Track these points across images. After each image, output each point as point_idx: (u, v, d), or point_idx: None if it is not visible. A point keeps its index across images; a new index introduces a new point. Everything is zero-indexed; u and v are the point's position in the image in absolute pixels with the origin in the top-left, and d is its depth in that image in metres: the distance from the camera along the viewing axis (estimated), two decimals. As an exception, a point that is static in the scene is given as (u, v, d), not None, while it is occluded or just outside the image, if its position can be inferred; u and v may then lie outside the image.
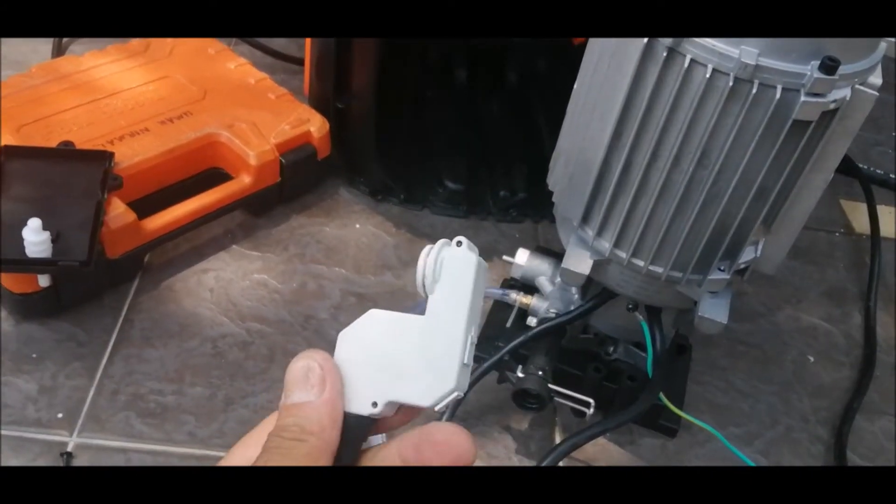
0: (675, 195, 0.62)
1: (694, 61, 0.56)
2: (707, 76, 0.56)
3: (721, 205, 0.61)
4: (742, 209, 0.62)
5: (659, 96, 0.59)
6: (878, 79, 0.58)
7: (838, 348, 0.97)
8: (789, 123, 0.56)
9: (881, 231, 1.08)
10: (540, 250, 0.84)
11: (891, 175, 1.19)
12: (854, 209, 1.16)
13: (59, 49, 1.17)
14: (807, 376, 0.93)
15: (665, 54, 0.57)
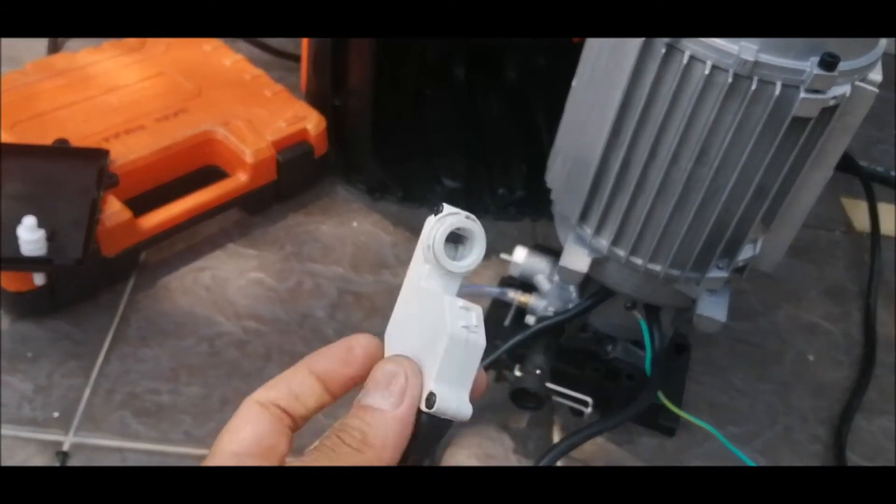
0: (674, 193, 0.62)
1: (693, 58, 0.56)
2: (706, 73, 0.56)
3: (720, 202, 0.61)
4: (741, 207, 0.61)
5: (658, 93, 0.59)
6: (878, 75, 0.58)
7: (838, 347, 0.96)
8: (789, 120, 0.56)
9: (882, 229, 1.08)
10: (538, 248, 0.83)
11: (892, 172, 1.18)
12: (854, 207, 1.15)
13: (55, 46, 1.17)
14: (806, 375, 0.93)
15: (664, 51, 0.56)
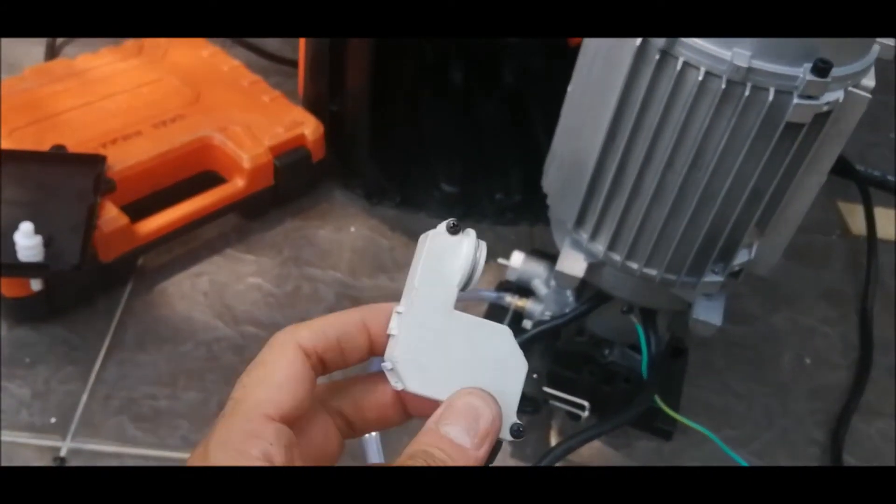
0: (669, 198, 0.62)
1: (687, 64, 0.56)
2: (700, 79, 0.56)
3: (715, 207, 0.61)
4: (736, 211, 0.61)
5: (652, 99, 0.59)
6: (871, 81, 0.58)
7: (835, 350, 0.97)
8: (782, 126, 0.56)
9: (878, 233, 1.08)
10: (535, 253, 0.83)
11: (888, 176, 1.19)
12: (851, 211, 1.15)
13: (53, 52, 1.17)
14: (803, 378, 0.93)
15: (658, 57, 0.57)
